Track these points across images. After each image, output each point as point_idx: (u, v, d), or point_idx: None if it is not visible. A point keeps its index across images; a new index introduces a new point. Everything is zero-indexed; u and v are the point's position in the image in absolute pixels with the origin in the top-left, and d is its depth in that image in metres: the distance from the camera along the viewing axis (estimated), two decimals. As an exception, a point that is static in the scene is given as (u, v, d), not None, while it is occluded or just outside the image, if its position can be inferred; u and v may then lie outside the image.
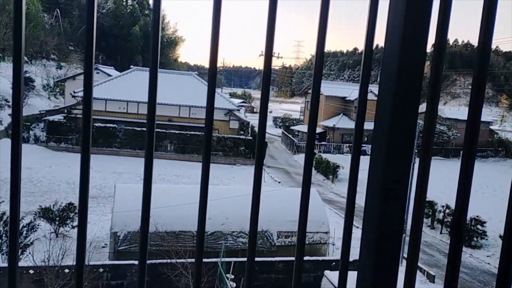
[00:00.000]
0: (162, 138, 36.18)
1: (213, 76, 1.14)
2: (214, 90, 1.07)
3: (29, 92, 42.92)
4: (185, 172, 31.41)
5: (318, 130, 44.35)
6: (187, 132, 36.57)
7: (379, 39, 1.11)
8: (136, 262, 13.52)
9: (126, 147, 35.96)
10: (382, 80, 1.00)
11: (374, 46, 1.09)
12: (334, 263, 14.61)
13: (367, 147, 43.16)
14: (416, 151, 10.74)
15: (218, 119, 37.84)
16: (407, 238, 1.53)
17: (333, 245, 17.76)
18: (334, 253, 17.19)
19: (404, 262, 1.21)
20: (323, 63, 1.05)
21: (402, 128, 0.97)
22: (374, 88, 47.10)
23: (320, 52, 1.03)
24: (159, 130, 35.90)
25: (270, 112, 56.16)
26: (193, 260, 12.50)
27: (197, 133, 36.84)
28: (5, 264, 13.04)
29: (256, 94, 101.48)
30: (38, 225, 16.04)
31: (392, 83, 0.98)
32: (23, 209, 19.04)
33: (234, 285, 12.62)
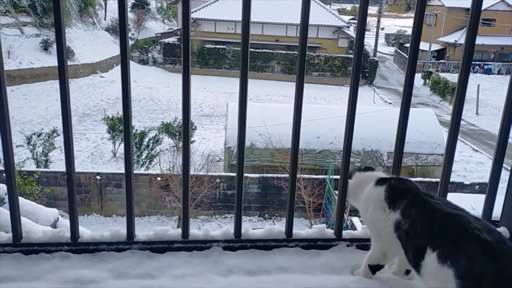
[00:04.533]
0: (269, 58, 36.33)
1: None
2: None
3: (145, 15, 45.32)
4: (292, 92, 31.30)
5: (437, 47, 40.64)
6: (294, 52, 36.04)
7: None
8: (248, 175, 14.60)
9: (235, 68, 36.81)
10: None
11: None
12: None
13: (492, 65, 38.73)
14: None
15: (325, 37, 36.60)
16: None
17: (447, 168, 17.05)
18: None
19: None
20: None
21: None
22: (507, -3, 40.80)
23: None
24: (266, 50, 35.95)
25: (382, 28, 52.39)
26: (303, 176, 13.15)
27: (304, 53, 36.21)
28: (139, 172, 14.98)
29: (368, 10, 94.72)
30: (162, 139, 17.89)
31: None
32: (147, 124, 21.20)
33: (341, 201, 13.08)
